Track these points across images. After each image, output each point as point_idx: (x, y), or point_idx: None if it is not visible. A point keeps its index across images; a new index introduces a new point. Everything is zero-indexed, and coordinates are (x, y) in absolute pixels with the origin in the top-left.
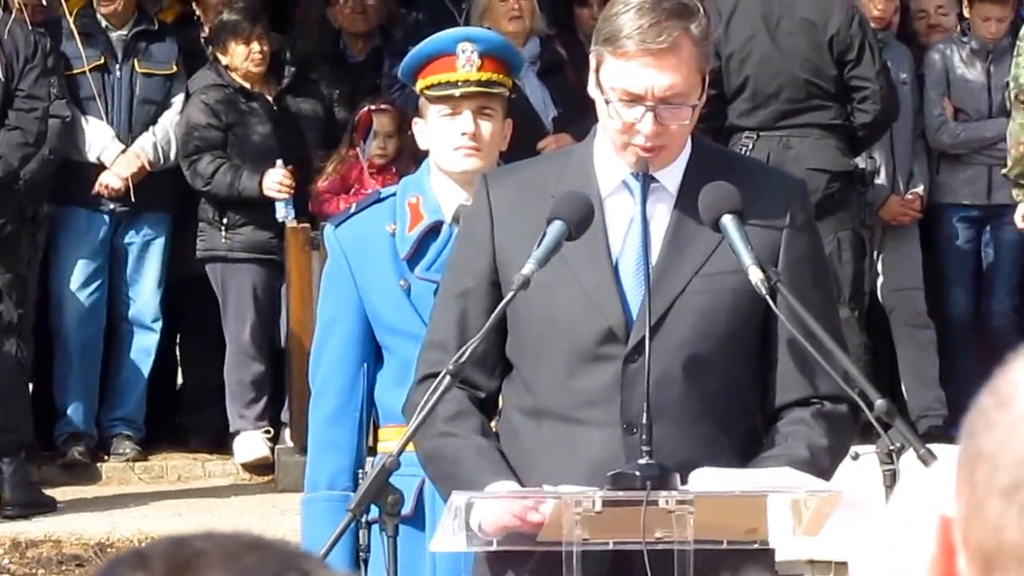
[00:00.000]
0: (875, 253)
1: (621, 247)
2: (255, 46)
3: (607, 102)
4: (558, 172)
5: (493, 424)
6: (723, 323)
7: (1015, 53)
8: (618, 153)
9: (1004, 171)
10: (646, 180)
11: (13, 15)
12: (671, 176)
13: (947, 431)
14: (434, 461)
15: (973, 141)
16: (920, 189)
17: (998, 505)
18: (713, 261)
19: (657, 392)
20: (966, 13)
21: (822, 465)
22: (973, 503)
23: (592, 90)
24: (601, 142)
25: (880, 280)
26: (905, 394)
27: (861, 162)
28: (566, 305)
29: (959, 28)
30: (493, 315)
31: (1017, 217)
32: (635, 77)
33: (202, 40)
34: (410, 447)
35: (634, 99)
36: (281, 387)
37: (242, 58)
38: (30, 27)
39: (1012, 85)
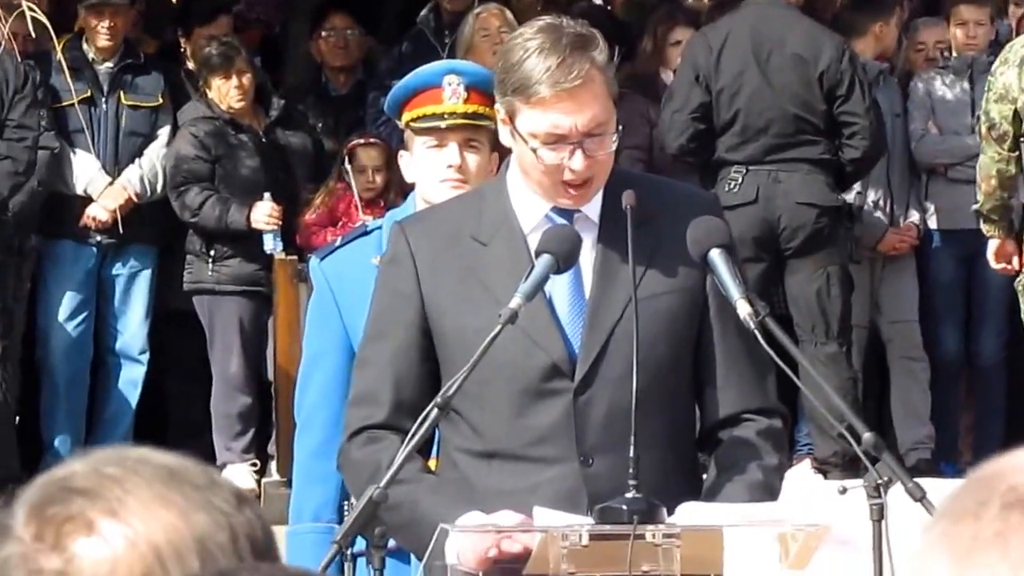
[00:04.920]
0: (874, 286)
1: (552, 282)
2: (234, 80)
3: (533, 150)
4: (475, 213)
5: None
6: (662, 346)
7: (986, 88)
8: (546, 196)
9: (975, 206)
10: (569, 213)
11: (3, 46)
12: (591, 206)
13: (935, 466)
14: (390, 511)
15: (955, 150)
16: (916, 218)
17: None
18: (644, 285)
19: (610, 423)
20: (947, 34)
21: (774, 485)
22: None
23: (506, 139)
24: (515, 180)
25: (881, 313)
26: (895, 427)
27: (849, 197)
28: (506, 345)
29: (941, 57)
30: (480, 350)
31: (989, 254)
32: (556, 120)
33: (183, 74)
34: None
35: (558, 140)
36: (268, 420)
37: (224, 93)
38: (19, 59)
39: (983, 119)
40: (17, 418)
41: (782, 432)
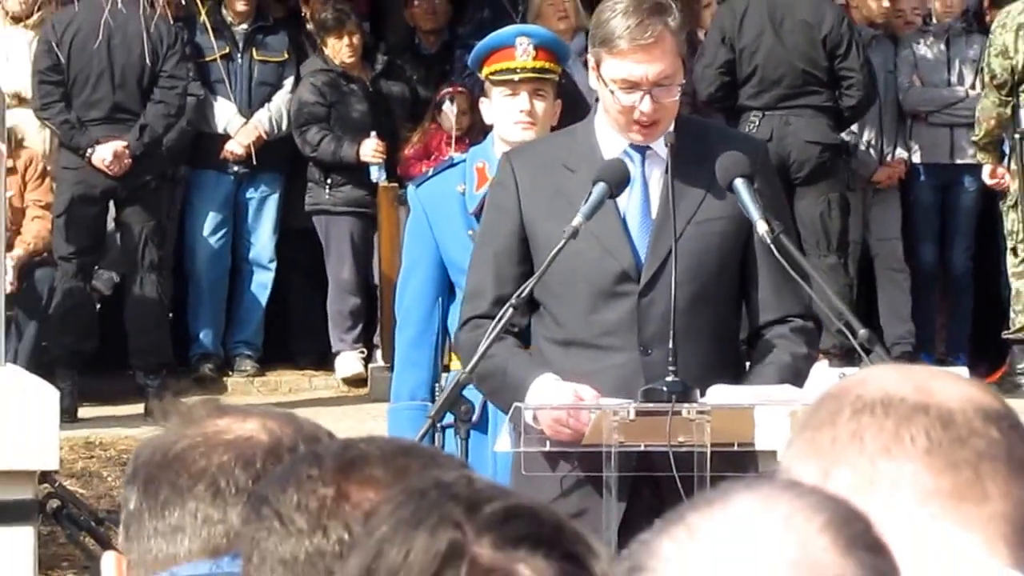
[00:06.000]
0: (865, 210)
1: (626, 204)
2: (346, 40)
3: (611, 92)
4: (567, 147)
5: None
6: (713, 261)
7: (987, 44)
8: (621, 132)
9: (974, 137)
10: (644, 150)
11: (158, 12)
12: (661, 143)
13: (915, 356)
14: (485, 380)
15: (935, 99)
16: (904, 155)
17: None
18: (701, 211)
19: (666, 321)
20: (928, 2)
21: (801, 369)
22: None
23: (594, 83)
24: (600, 121)
25: (871, 232)
26: (882, 325)
27: (846, 136)
28: (585, 252)
29: (923, 22)
30: (548, 259)
31: (984, 175)
32: (631, 69)
33: (303, 36)
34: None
35: (632, 86)
36: (374, 316)
37: (337, 50)
38: (171, 21)
39: (986, 71)
40: (170, 315)
41: (813, 330)
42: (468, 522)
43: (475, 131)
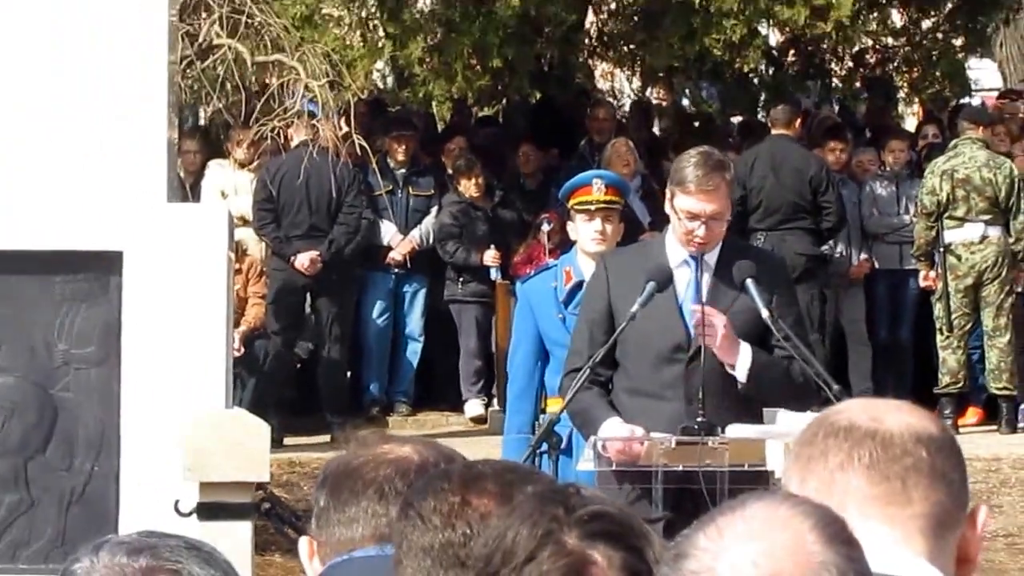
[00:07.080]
0: (839, 301)
1: (683, 296)
2: (473, 180)
3: (679, 219)
4: (645, 254)
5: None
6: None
7: (921, 186)
8: (683, 245)
9: (912, 252)
10: (698, 259)
11: (342, 159)
12: (711, 256)
13: None
14: (575, 417)
15: (888, 225)
16: (866, 259)
17: None
18: (735, 306)
19: (706, 381)
20: (883, 156)
21: (794, 381)
22: None
23: (668, 210)
24: (669, 237)
25: (843, 316)
26: (850, 382)
27: (825, 249)
28: (651, 327)
29: (879, 169)
30: (615, 334)
31: (920, 280)
32: (694, 204)
33: (445, 177)
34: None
35: (694, 216)
36: (492, 375)
37: (467, 187)
38: (351, 166)
39: (919, 204)
40: (348, 374)
41: (813, 381)
42: (565, 518)
43: (564, 245)
